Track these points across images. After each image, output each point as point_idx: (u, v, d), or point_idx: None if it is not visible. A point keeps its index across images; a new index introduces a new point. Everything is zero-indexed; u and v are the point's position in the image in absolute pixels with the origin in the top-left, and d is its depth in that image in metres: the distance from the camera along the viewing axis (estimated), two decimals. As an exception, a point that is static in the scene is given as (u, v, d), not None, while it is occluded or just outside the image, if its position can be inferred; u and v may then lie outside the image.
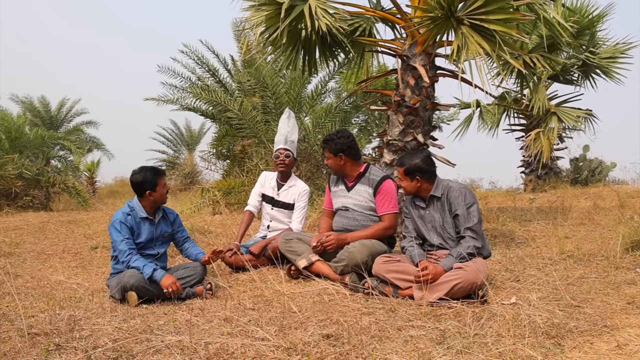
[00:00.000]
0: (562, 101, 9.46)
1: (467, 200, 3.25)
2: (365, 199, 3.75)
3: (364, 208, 3.75)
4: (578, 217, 6.01)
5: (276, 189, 4.42)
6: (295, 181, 4.47)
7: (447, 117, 12.81)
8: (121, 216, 3.50)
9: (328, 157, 3.85)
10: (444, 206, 3.31)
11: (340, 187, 3.91)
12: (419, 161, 3.33)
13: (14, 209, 9.61)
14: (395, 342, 2.31)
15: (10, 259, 5.01)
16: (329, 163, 3.87)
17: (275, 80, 9.72)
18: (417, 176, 3.32)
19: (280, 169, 4.41)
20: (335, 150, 3.78)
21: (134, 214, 3.54)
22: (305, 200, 4.39)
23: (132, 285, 3.23)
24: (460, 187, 3.34)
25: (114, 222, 3.49)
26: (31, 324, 2.60)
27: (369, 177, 3.79)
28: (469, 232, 3.20)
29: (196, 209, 7.91)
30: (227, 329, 2.50)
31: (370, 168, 3.86)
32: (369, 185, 3.76)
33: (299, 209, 4.35)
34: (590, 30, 8.08)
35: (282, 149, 4.41)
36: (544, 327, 2.45)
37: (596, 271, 3.68)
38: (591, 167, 10.64)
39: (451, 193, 3.29)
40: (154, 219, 3.63)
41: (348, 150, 3.78)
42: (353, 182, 3.83)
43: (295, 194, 4.38)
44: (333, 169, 3.89)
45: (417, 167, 3.32)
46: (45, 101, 18.68)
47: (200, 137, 20.62)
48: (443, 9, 4.35)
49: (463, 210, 3.22)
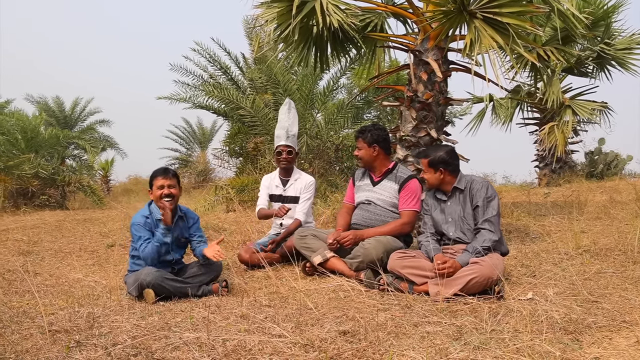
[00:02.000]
0: (576, 94, 9.35)
1: (488, 194, 3.29)
2: (390, 195, 3.76)
3: (387, 204, 3.76)
4: (594, 211, 5.94)
5: (281, 186, 4.44)
6: (299, 174, 4.49)
7: (459, 112, 12.73)
8: (140, 219, 3.52)
9: (361, 147, 3.84)
10: (465, 198, 3.34)
11: (365, 181, 3.92)
12: (443, 153, 3.38)
13: (31, 207, 9.75)
14: (412, 339, 2.31)
15: (29, 257, 5.10)
16: (360, 154, 3.86)
17: (286, 77, 9.73)
18: (441, 168, 3.36)
19: (283, 166, 4.42)
20: (370, 140, 3.80)
21: (152, 216, 3.55)
22: (311, 192, 4.40)
23: (149, 282, 3.26)
24: (483, 181, 3.39)
25: (134, 224, 3.52)
26: (51, 321, 2.64)
27: (397, 174, 3.81)
28: (486, 224, 3.21)
29: (210, 206, 7.97)
30: (244, 325, 2.52)
31: (398, 166, 3.89)
32: (395, 182, 3.78)
33: (305, 200, 4.36)
34: (605, 21, 7.96)
35: (283, 146, 4.41)
36: (562, 323, 2.43)
37: (613, 266, 3.64)
38: (607, 161, 10.51)
39: (474, 186, 3.34)
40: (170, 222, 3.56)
41: (383, 142, 3.82)
42: (380, 178, 3.85)
43: (301, 186, 4.40)
44: (364, 160, 3.87)
45: (441, 159, 3.36)
46: (60, 101, 18.92)
47: (212, 134, 20.73)
48: (455, 3, 4.32)
49: (483, 203, 3.26)
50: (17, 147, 10.84)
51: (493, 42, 4.23)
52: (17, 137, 10.94)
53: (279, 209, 4.15)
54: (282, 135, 4.43)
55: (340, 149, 9.10)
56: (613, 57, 8.25)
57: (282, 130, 4.44)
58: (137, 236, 3.47)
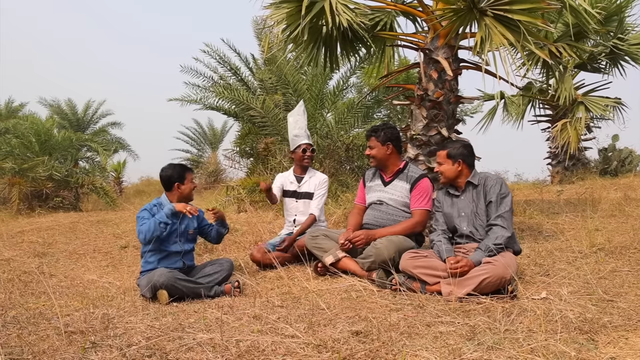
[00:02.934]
0: (589, 90, 9.25)
1: (502, 190, 3.30)
2: (401, 195, 3.76)
3: (398, 203, 3.76)
4: (608, 209, 5.88)
5: (296, 182, 4.52)
6: (314, 172, 4.59)
7: (470, 110, 12.67)
8: (148, 206, 3.64)
9: (374, 146, 3.84)
10: (479, 194, 3.34)
11: (376, 181, 3.92)
12: (461, 146, 3.42)
13: (45, 209, 9.88)
14: (425, 339, 2.30)
15: (45, 258, 5.16)
16: (373, 153, 3.85)
17: (296, 77, 9.74)
18: (460, 159, 3.38)
19: (305, 164, 4.51)
20: (384, 138, 3.80)
21: (160, 207, 3.63)
22: (324, 189, 4.49)
23: (162, 283, 3.29)
24: (497, 178, 3.40)
25: (140, 212, 3.60)
26: (67, 323, 2.67)
27: (408, 173, 3.81)
28: (499, 220, 3.21)
29: (221, 207, 8.00)
30: (257, 326, 2.53)
31: (409, 165, 3.90)
32: (406, 181, 3.78)
33: (319, 197, 4.43)
34: (618, 16, 7.85)
35: (307, 144, 4.51)
36: (577, 322, 2.41)
37: (629, 264, 3.60)
38: (621, 157, 10.38)
39: (488, 182, 3.35)
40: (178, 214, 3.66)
41: (395, 141, 3.84)
42: (391, 177, 3.85)
43: (316, 182, 4.48)
44: (377, 159, 3.86)
45: (460, 151, 3.40)
46: (72, 104, 19.14)
47: (223, 135, 20.84)
48: (465, 1, 4.29)
49: (497, 199, 3.27)
50: (31, 149, 10.99)
51: (504, 40, 4.20)
52: (31, 140, 11.08)
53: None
54: (303, 135, 4.53)
55: (351, 149, 9.09)
56: (626, 53, 8.13)
57: (300, 130, 4.54)
58: (141, 217, 3.54)
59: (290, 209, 4.52)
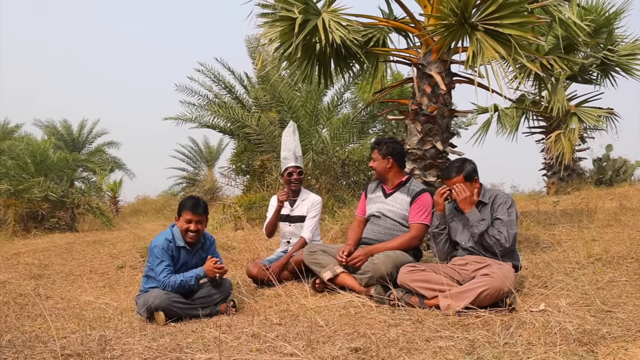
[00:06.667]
0: (582, 101, 9.33)
1: (508, 205, 3.34)
2: (401, 207, 3.78)
3: (398, 216, 3.77)
4: (604, 219, 5.89)
5: (289, 206, 4.42)
6: (307, 194, 4.49)
7: (465, 123, 12.73)
8: (163, 242, 3.46)
9: (375, 158, 3.89)
10: (486, 212, 3.36)
11: (378, 193, 3.94)
12: (469, 164, 3.44)
13: (41, 230, 9.82)
14: (424, 354, 2.29)
15: (41, 280, 5.12)
16: (374, 165, 3.89)
17: (290, 94, 9.80)
18: (475, 177, 3.42)
19: (294, 188, 4.41)
20: (385, 152, 3.84)
21: (174, 241, 3.52)
22: (317, 210, 4.40)
23: (158, 306, 3.28)
24: (506, 196, 3.43)
25: (155, 246, 3.46)
26: (64, 345, 2.64)
27: (409, 187, 3.83)
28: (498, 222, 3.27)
29: (218, 225, 7.99)
30: (256, 345, 2.52)
31: (412, 180, 3.92)
32: (407, 194, 3.79)
33: (311, 218, 4.35)
34: (607, 28, 7.96)
35: (293, 167, 4.40)
36: (576, 334, 2.40)
37: (626, 274, 3.60)
38: (615, 167, 10.44)
39: (497, 200, 3.39)
40: (191, 250, 3.60)
41: (397, 156, 3.86)
42: (392, 190, 3.87)
43: (308, 206, 4.40)
44: (377, 171, 3.90)
45: (473, 169, 3.43)
46: (67, 124, 19.17)
47: (219, 153, 20.88)
48: (456, 16, 4.35)
49: (503, 211, 3.31)
50: (27, 171, 10.96)
51: (495, 54, 4.25)
52: (27, 161, 11.07)
53: (280, 193, 4.25)
54: (290, 157, 4.42)
55: (347, 164, 9.11)
56: (617, 64, 8.23)
57: (289, 152, 4.44)
58: (159, 260, 3.42)
59: (285, 232, 4.46)
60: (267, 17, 5.01)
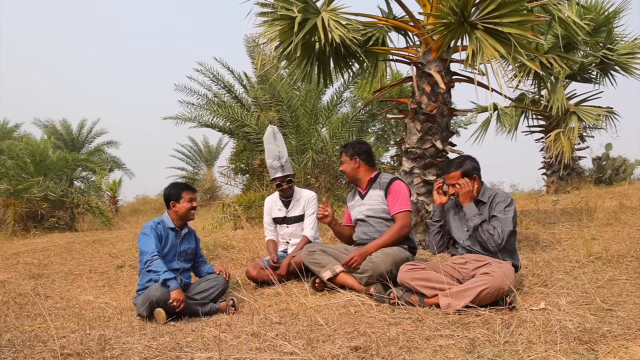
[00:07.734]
0: (581, 100, 9.33)
1: (506, 204, 3.32)
2: (378, 202, 3.79)
3: (377, 211, 3.78)
4: (604, 218, 5.89)
5: (284, 208, 4.41)
6: (300, 193, 4.46)
7: (464, 122, 12.74)
8: (152, 224, 3.71)
9: (344, 161, 3.95)
10: (485, 210, 3.36)
11: (356, 198, 3.98)
12: (470, 162, 3.43)
13: (40, 230, 9.82)
14: (425, 353, 2.29)
15: (40, 280, 5.11)
16: (344, 168, 3.96)
17: (290, 93, 9.78)
18: (475, 174, 3.40)
19: (284, 196, 4.40)
20: (351, 153, 3.89)
21: (163, 224, 3.75)
22: (314, 207, 4.39)
23: (159, 298, 3.29)
24: (506, 195, 3.42)
25: (144, 228, 3.67)
26: (63, 345, 2.64)
27: (380, 181, 3.87)
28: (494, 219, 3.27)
29: (217, 224, 7.98)
30: (255, 344, 2.51)
31: (381, 174, 3.94)
32: (380, 188, 3.82)
33: (310, 216, 4.36)
34: (606, 27, 7.97)
35: (280, 178, 4.32)
36: (576, 333, 2.40)
37: (626, 273, 3.60)
38: (615, 166, 10.43)
39: (496, 198, 3.38)
40: (180, 232, 3.82)
41: (364, 155, 3.89)
42: (366, 189, 3.90)
43: (303, 204, 4.39)
44: (347, 173, 3.95)
45: (473, 167, 3.41)
46: (67, 124, 19.14)
47: (218, 152, 20.86)
48: (456, 15, 4.35)
49: (500, 209, 3.30)
50: (26, 170, 10.95)
51: (495, 52, 4.25)
52: (26, 160, 11.05)
53: (271, 259, 4.19)
54: (277, 166, 4.31)
55: (346, 163, 9.08)
56: (616, 62, 8.25)
57: (274, 161, 4.32)
58: (148, 236, 3.58)
59: (283, 234, 4.44)
60: (267, 16, 5.01)
